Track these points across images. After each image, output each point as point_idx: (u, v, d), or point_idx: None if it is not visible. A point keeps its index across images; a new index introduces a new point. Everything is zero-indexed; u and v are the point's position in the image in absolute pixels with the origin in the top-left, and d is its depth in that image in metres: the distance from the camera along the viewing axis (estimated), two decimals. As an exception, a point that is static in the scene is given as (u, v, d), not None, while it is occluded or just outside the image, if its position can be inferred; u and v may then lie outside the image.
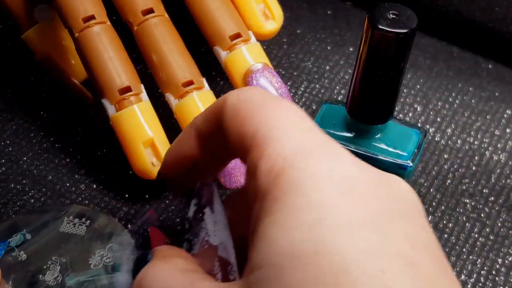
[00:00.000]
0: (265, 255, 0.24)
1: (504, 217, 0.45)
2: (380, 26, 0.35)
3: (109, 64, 0.42)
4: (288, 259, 0.23)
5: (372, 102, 0.39)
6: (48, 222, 0.39)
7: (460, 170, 0.47)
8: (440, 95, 0.51)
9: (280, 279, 0.23)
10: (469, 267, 0.42)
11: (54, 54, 0.47)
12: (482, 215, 0.45)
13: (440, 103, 0.51)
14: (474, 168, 0.47)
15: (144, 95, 0.42)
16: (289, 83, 0.51)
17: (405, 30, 0.35)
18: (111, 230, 0.38)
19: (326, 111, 0.41)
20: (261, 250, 0.24)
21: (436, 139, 0.48)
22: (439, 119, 0.50)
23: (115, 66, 0.42)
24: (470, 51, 0.55)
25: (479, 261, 0.43)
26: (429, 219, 0.44)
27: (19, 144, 0.46)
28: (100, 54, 0.42)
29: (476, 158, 0.48)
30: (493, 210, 0.45)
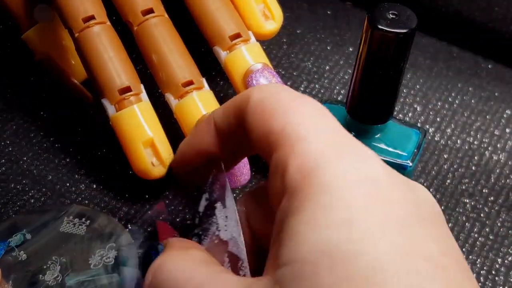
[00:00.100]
0: (297, 252, 0.24)
1: (504, 217, 0.45)
2: (380, 26, 0.35)
3: (109, 64, 0.42)
4: (321, 257, 0.23)
5: (372, 102, 0.39)
6: (48, 222, 0.39)
7: (460, 170, 0.47)
8: (440, 95, 0.51)
9: (315, 276, 0.23)
10: (469, 267, 0.42)
11: (54, 54, 0.47)
12: (482, 215, 0.45)
13: (440, 103, 0.51)
14: (474, 168, 0.47)
15: (144, 95, 0.42)
16: (289, 83, 0.51)
17: (405, 30, 0.35)
18: (111, 230, 0.38)
19: (326, 111, 0.41)
20: (292, 246, 0.24)
21: (436, 139, 0.48)
22: (439, 119, 0.50)
23: (115, 66, 0.42)
24: (470, 51, 0.55)
25: (479, 261, 0.43)
26: (429, 219, 0.44)
27: (19, 144, 0.46)
28: (100, 54, 0.42)
29: (476, 158, 0.48)
30: (493, 210, 0.45)
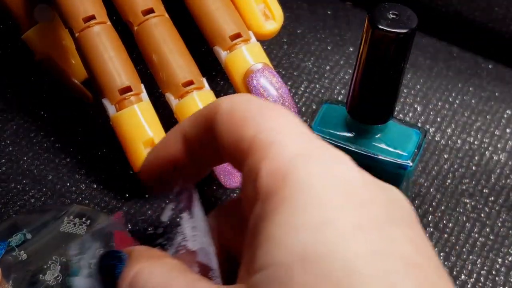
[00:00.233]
0: (271, 256, 0.24)
1: (504, 217, 0.45)
2: (380, 26, 0.35)
3: (109, 64, 0.42)
4: (295, 260, 0.23)
5: (372, 102, 0.39)
6: (48, 222, 0.39)
7: (460, 170, 0.47)
8: (440, 95, 0.51)
9: (290, 279, 0.23)
10: (469, 267, 0.42)
11: (54, 54, 0.47)
12: (482, 215, 0.45)
13: (440, 103, 0.51)
14: (474, 168, 0.47)
15: (144, 95, 0.42)
16: (289, 83, 0.51)
17: (405, 30, 0.35)
18: (111, 230, 0.38)
19: (326, 111, 0.41)
20: (267, 251, 0.24)
21: (436, 139, 0.48)
22: (439, 119, 0.50)
23: (115, 66, 0.42)
24: (470, 51, 0.55)
25: (479, 261, 0.43)
26: (429, 219, 0.44)
27: (19, 144, 0.46)
28: (100, 54, 0.42)
29: (476, 158, 0.48)
30: (493, 210, 0.45)
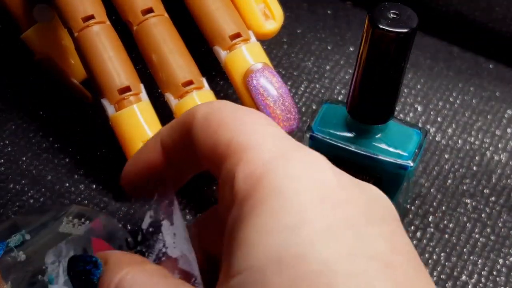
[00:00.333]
0: (247, 259, 0.24)
1: (505, 218, 0.45)
2: (381, 26, 0.35)
3: (109, 64, 0.42)
4: (270, 263, 0.23)
5: (373, 102, 0.39)
6: (48, 222, 0.38)
7: (461, 170, 0.47)
8: (441, 95, 0.51)
9: (266, 282, 0.23)
10: (470, 268, 0.42)
11: (54, 54, 0.47)
12: (483, 216, 0.45)
13: (441, 103, 0.50)
14: (475, 168, 0.47)
15: (144, 95, 0.42)
16: (289, 83, 0.51)
17: (406, 30, 0.35)
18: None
19: (327, 111, 0.41)
20: (243, 255, 0.24)
21: (437, 139, 0.48)
22: (440, 119, 0.50)
23: (115, 66, 0.42)
24: (471, 51, 0.55)
25: (480, 262, 0.42)
26: (430, 220, 0.44)
27: (19, 144, 0.46)
28: (100, 54, 0.42)
29: (477, 158, 0.48)
30: (494, 211, 0.45)
